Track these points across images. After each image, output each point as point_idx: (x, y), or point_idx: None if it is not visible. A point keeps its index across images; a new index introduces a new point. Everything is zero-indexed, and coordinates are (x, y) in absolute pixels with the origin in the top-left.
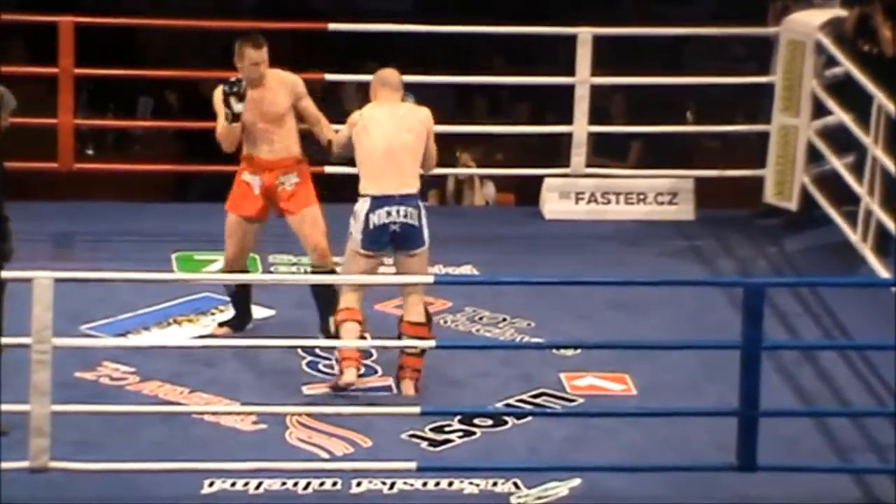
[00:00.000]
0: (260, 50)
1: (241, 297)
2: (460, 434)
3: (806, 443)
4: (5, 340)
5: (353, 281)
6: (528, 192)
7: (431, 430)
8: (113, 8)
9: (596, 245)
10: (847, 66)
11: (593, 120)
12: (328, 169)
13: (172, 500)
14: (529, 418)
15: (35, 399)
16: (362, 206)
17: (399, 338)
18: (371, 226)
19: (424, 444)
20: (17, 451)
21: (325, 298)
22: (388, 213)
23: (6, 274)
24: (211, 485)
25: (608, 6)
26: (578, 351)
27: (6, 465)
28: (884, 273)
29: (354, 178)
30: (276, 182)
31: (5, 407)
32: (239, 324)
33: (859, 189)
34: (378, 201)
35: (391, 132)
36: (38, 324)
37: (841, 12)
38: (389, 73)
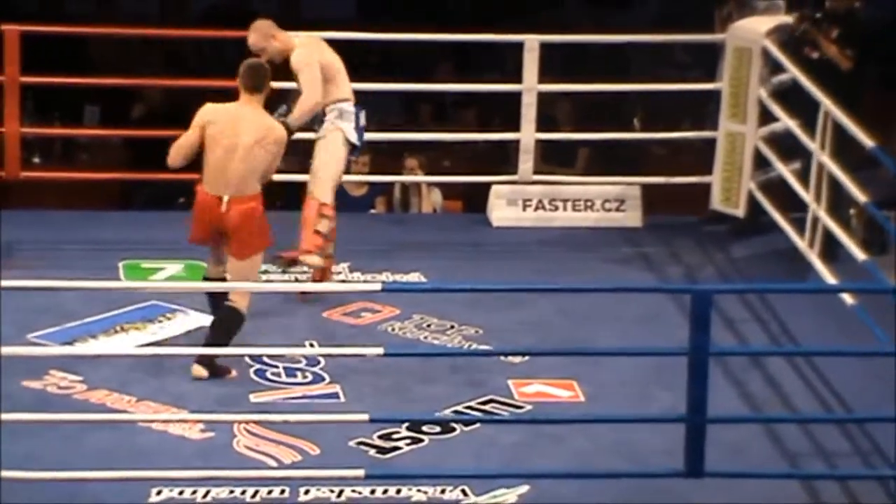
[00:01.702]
0: None
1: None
2: (408, 441)
3: (754, 449)
4: None
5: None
6: (476, 198)
7: (379, 437)
8: (60, 16)
9: (544, 252)
10: (793, 72)
11: (540, 126)
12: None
13: None
14: (477, 425)
15: None
16: (348, 106)
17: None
18: (361, 124)
19: (372, 452)
20: None
21: (225, 329)
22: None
23: None
24: (159, 493)
25: (556, 12)
26: (526, 358)
27: None
28: (831, 279)
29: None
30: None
31: None
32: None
33: (806, 195)
34: (356, 107)
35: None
36: None
37: (786, 19)
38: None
